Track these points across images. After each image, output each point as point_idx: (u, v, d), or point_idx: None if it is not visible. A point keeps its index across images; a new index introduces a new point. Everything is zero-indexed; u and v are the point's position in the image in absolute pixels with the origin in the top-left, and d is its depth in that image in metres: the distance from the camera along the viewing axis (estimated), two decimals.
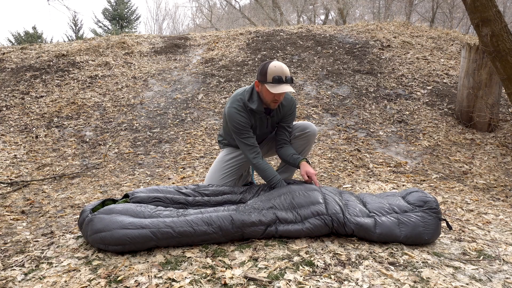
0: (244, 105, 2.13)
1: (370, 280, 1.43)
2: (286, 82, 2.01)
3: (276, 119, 2.29)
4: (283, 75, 2.00)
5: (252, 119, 2.18)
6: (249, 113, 2.15)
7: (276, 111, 2.24)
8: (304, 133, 2.33)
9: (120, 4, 17.95)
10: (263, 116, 2.22)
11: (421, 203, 1.84)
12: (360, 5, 19.45)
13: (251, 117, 2.17)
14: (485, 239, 1.91)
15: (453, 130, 4.23)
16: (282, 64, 2.04)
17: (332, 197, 1.91)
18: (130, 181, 3.15)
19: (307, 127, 2.33)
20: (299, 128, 2.35)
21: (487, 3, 2.99)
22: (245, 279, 1.42)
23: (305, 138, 2.34)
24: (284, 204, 1.86)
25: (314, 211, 1.81)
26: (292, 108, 2.28)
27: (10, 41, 15.98)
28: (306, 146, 2.37)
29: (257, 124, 2.23)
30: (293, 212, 1.82)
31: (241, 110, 2.12)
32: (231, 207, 1.89)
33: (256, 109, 2.11)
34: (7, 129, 4.34)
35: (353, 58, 5.95)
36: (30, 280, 1.47)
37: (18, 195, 2.82)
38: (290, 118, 2.30)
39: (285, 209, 1.84)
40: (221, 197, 2.08)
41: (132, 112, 4.72)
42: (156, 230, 1.66)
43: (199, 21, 25.27)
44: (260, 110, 2.14)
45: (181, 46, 6.99)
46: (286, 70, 2.04)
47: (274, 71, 2.00)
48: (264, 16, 18.69)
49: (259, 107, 2.12)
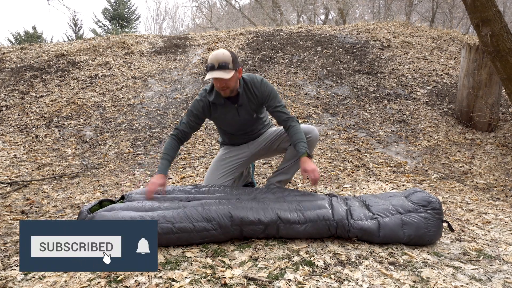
0: (205, 95, 2.16)
1: (370, 280, 1.43)
2: (218, 69, 1.96)
3: (253, 106, 2.18)
4: (215, 62, 1.96)
5: (216, 111, 2.17)
6: (209, 104, 2.16)
7: (247, 97, 2.16)
8: (306, 138, 2.25)
9: (120, 4, 17.94)
10: (229, 105, 2.16)
11: (425, 203, 1.84)
12: (360, 5, 19.45)
13: (213, 108, 2.17)
14: (485, 239, 1.91)
15: (453, 130, 4.23)
16: (219, 51, 2.00)
17: (337, 203, 1.92)
18: (130, 181, 3.14)
19: (309, 131, 2.26)
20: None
21: (487, 3, 2.99)
22: (245, 279, 1.42)
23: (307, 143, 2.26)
24: (290, 207, 1.86)
25: (321, 215, 1.79)
26: (262, 90, 2.15)
27: (10, 41, 15.99)
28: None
29: (223, 114, 2.19)
30: (297, 213, 1.81)
31: (201, 99, 2.16)
32: (232, 200, 1.88)
33: (213, 100, 2.12)
34: (7, 129, 4.34)
35: (353, 58, 5.95)
36: (30, 280, 1.48)
37: (18, 195, 2.82)
38: (270, 99, 2.17)
39: (290, 210, 1.83)
40: (217, 195, 2.06)
41: (132, 112, 4.72)
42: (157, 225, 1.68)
43: (199, 21, 25.27)
44: (219, 101, 2.13)
45: (181, 46, 6.99)
46: (220, 57, 1.96)
47: (209, 60, 2.00)
48: (264, 16, 18.69)
49: (216, 99, 2.13)
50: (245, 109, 2.19)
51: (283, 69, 5.62)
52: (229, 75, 1.96)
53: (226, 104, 2.15)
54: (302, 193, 2.04)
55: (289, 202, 1.89)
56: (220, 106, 2.16)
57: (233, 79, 2.02)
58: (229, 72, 1.97)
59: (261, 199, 1.97)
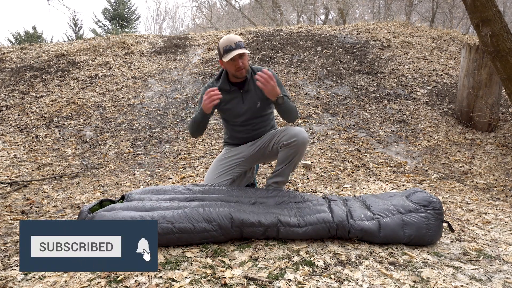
0: (213, 82, 2.29)
1: (370, 280, 1.43)
2: (236, 48, 2.09)
3: (258, 93, 2.21)
4: (232, 43, 2.10)
5: (223, 96, 2.19)
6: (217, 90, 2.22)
7: (254, 84, 2.21)
8: (291, 142, 2.15)
9: (120, 4, 17.94)
10: (235, 91, 2.25)
11: (426, 203, 1.84)
12: (360, 5, 19.45)
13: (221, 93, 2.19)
14: (485, 239, 1.91)
15: (453, 130, 4.23)
16: (230, 35, 2.14)
17: (338, 205, 1.92)
18: (130, 181, 3.15)
19: (295, 135, 2.15)
20: (287, 135, 2.18)
21: (487, 3, 2.99)
22: (245, 279, 1.42)
23: (293, 147, 2.15)
24: (289, 212, 1.86)
25: (320, 218, 1.80)
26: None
27: (10, 41, 15.98)
28: (295, 156, 2.18)
29: (228, 100, 2.26)
30: (297, 218, 1.82)
31: (208, 85, 2.27)
32: (232, 204, 1.89)
33: (220, 86, 2.22)
34: (7, 129, 4.34)
35: (353, 58, 5.95)
36: (30, 280, 1.48)
37: (18, 195, 2.82)
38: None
39: (290, 215, 1.84)
40: (217, 196, 2.05)
41: (132, 112, 4.72)
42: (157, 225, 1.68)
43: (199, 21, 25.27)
44: (225, 87, 2.23)
45: (181, 46, 6.99)
46: (234, 38, 2.11)
47: (223, 44, 2.12)
48: (264, 16, 18.69)
49: (223, 85, 2.23)
50: (250, 96, 2.26)
51: (283, 69, 5.62)
52: (247, 51, 2.13)
53: (232, 90, 2.25)
54: (302, 199, 2.05)
55: (289, 209, 1.91)
56: (226, 92, 2.24)
57: (247, 59, 2.17)
58: (246, 49, 2.12)
59: (261, 204, 1.98)
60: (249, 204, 1.94)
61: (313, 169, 3.32)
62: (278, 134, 2.27)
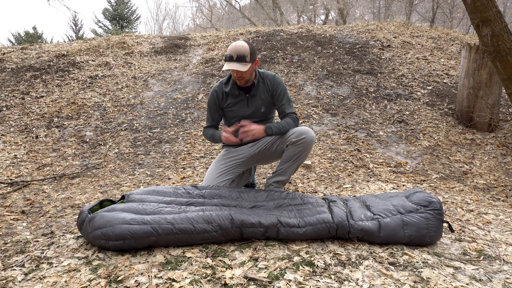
0: (220, 86, 2.34)
1: (370, 280, 1.43)
2: (235, 61, 2.09)
3: (263, 97, 2.31)
4: (234, 53, 2.09)
5: (227, 100, 2.34)
6: (223, 93, 2.33)
7: (260, 88, 2.30)
8: (300, 140, 2.23)
9: (120, 4, 17.96)
10: (241, 95, 2.31)
11: (426, 203, 1.84)
12: (360, 5, 19.46)
13: (226, 97, 2.33)
14: (485, 239, 1.91)
15: (453, 130, 4.23)
16: (239, 43, 2.13)
17: (337, 206, 1.92)
18: (130, 181, 3.15)
19: (304, 133, 2.23)
20: (296, 133, 2.25)
21: (487, 3, 2.99)
22: (245, 279, 1.42)
23: (301, 145, 2.23)
24: (289, 214, 1.87)
25: (320, 218, 1.80)
26: (274, 82, 2.31)
27: (10, 41, 15.99)
28: (302, 153, 2.27)
29: (233, 104, 2.34)
30: (297, 219, 1.82)
31: (215, 90, 2.33)
32: (232, 208, 1.90)
33: (229, 91, 2.29)
34: (7, 129, 4.34)
35: (353, 58, 5.95)
36: (30, 280, 1.48)
37: (18, 195, 2.82)
38: (279, 92, 2.31)
39: (290, 217, 1.84)
40: (217, 200, 2.06)
41: (132, 112, 4.72)
42: (157, 226, 1.69)
43: (199, 21, 25.29)
44: (233, 92, 2.29)
45: (181, 46, 7.00)
46: (238, 49, 2.09)
47: (228, 50, 2.13)
48: (264, 16, 18.70)
49: (232, 90, 2.29)
50: (255, 101, 2.31)
51: (283, 69, 5.62)
52: (245, 68, 2.09)
53: (238, 94, 2.30)
54: (301, 202, 2.05)
55: (289, 211, 1.91)
56: (232, 96, 2.31)
57: (249, 71, 2.17)
58: (245, 64, 2.10)
59: (261, 207, 1.99)
60: (249, 208, 1.96)
61: (313, 169, 3.32)
62: (284, 135, 2.32)
